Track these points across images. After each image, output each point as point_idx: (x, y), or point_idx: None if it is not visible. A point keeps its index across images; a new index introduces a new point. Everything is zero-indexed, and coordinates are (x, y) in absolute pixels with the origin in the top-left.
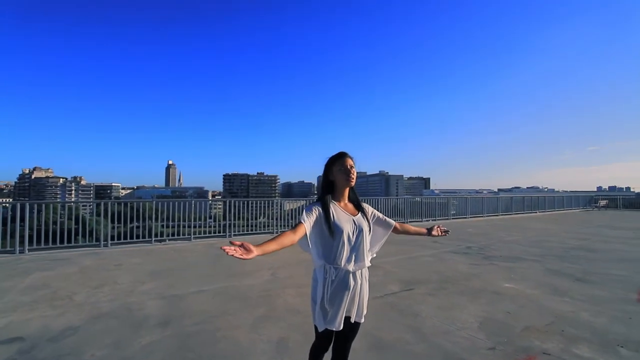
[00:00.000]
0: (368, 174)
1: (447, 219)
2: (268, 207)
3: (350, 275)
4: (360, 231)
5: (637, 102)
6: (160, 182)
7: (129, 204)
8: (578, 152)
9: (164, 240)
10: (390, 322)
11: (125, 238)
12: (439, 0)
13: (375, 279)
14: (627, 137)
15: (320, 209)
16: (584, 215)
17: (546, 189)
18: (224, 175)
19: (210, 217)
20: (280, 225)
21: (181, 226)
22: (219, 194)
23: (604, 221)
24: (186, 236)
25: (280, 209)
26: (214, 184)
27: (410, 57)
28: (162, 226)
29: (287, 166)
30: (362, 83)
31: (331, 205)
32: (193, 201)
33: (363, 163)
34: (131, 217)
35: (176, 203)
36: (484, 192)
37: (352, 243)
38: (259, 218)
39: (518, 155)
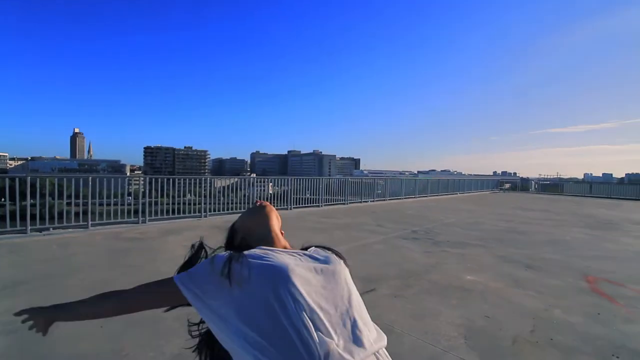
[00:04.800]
0: (302, 152)
1: (384, 199)
2: (197, 184)
3: None
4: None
5: (528, 99)
6: (64, 153)
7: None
8: (482, 140)
9: (47, 229)
10: None
11: None
12: None
13: None
14: (518, 130)
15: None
16: (495, 197)
17: (456, 172)
18: (145, 148)
19: (129, 195)
20: (210, 204)
21: (90, 204)
22: (139, 168)
23: (513, 202)
24: (81, 223)
25: (211, 187)
26: (133, 157)
27: (340, 40)
28: (64, 205)
29: (219, 141)
30: (297, 62)
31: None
32: (92, 177)
33: (298, 142)
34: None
35: (81, 179)
36: (406, 173)
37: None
38: (186, 195)
39: (433, 140)
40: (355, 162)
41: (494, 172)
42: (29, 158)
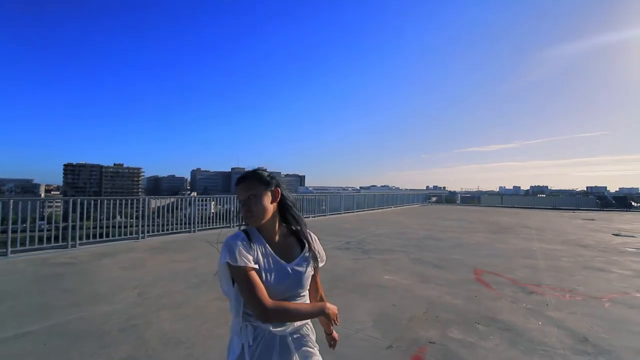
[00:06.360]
0: (246, 169)
1: (325, 214)
2: (128, 205)
3: (278, 340)
4: (298, 277)
5: (457, 123)
6: None
7: None
8: (414, 158)
9: None
10: None
11: None
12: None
13: None
14: (447, 149)
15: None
16: (423, 209)
17: (394, 187)
18: (65, 165)
19: (42, 219)
20: (146, 226)
21: (10, 229)
22: (57, 188)
23: (437, 214)
24: None
25: (146, 207)
26: (51, 175)
27: (285, 57)
28: None
29: (156, 159)
30: (242, 78)
31: (254, 246)
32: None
33: (243, 158)
34: None
35: None
36: (349, 189)
37: (279, 288)
38: (116, 217)
39: (373, 157)
40: (301, 179)
41: (427, 187)
42: None
